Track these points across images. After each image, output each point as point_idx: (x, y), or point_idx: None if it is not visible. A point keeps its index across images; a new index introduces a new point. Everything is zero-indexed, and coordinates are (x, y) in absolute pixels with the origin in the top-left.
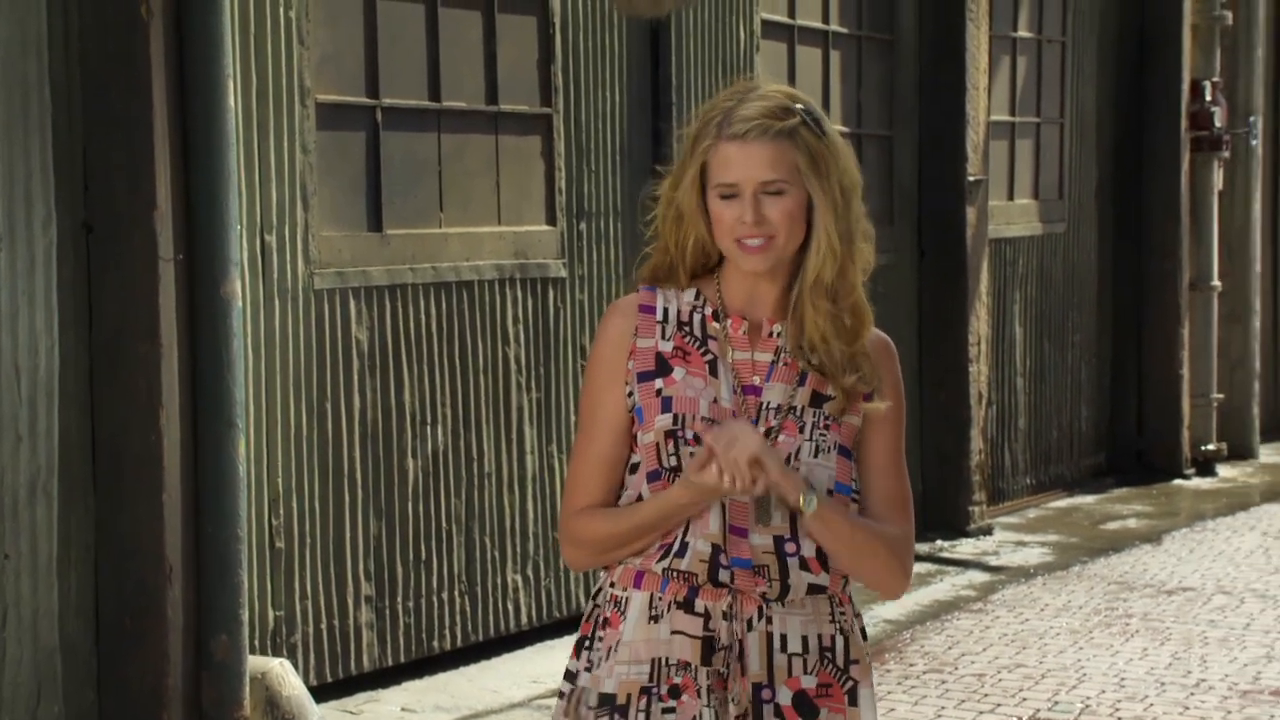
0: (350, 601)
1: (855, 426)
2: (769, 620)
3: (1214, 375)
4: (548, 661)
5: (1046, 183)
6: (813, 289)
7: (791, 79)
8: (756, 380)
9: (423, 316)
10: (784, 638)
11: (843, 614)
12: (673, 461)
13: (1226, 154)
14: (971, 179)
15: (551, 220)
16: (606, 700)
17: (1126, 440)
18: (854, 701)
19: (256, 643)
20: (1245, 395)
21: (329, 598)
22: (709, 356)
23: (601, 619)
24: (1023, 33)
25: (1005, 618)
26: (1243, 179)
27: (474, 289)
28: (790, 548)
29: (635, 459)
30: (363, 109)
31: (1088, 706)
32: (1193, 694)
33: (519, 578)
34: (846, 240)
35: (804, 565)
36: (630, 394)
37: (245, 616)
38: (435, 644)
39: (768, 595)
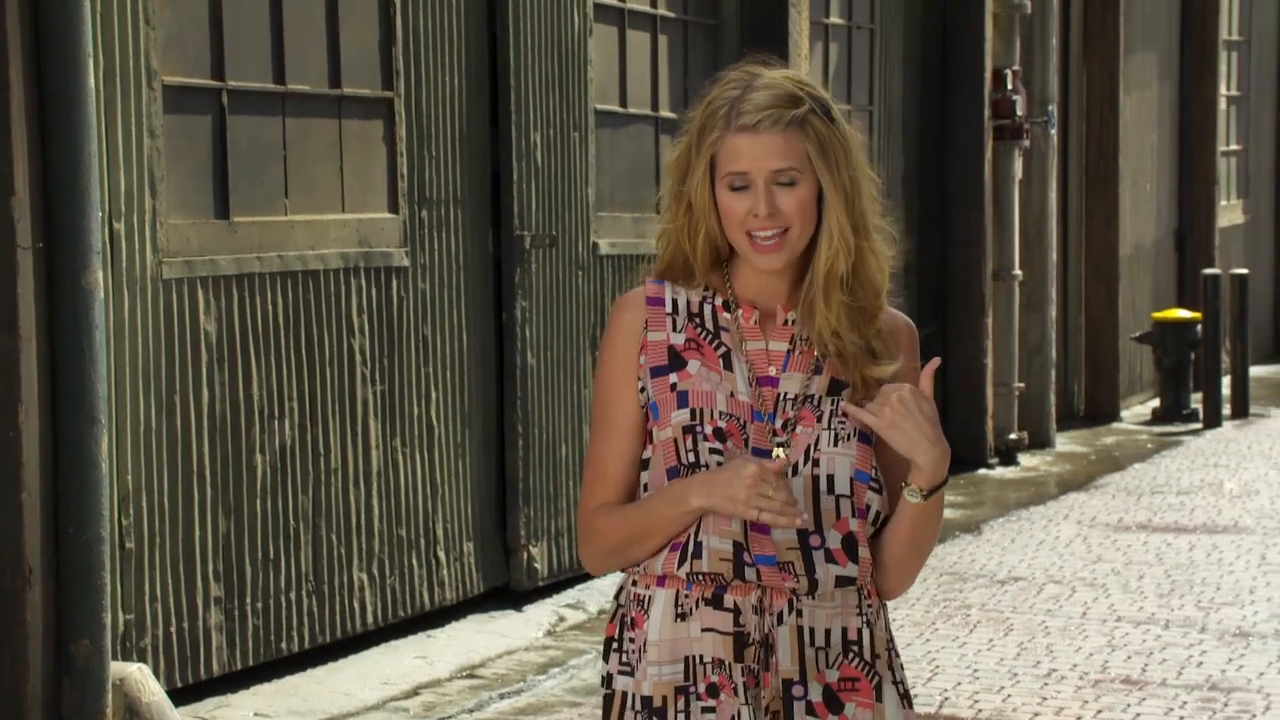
0: (200, 603)
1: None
2: (799, 614)
3: (1015, 364)
4: (396, 662)
5: None
6: (826, 282)
7: (622, 63)
8: (772, 370)
9: (270, 307)
10: (812, 631)
11: (869, 606)
12: (691, 458)
13: (1027, 143)
14: None
15: (394, 208)
16: (646, 703)
17: None
18: (880, 697)
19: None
20: (1043, 384)
21: (178, 600)
22: (722, 349)
23: (628, 619)
24: (835, 19)
25: None
26: (1039, 168)
27: (320, 278)
28: (815, 540)
29: (646, 454)
30: (209, 91)
31: (947, 699)
32: (1046, 684)
33: (365, 576)
34: (860, 232)
35: (829, 558)
36: (643, 389)
37: (108, 620)
38: (284, 646)
39: (798, 590)
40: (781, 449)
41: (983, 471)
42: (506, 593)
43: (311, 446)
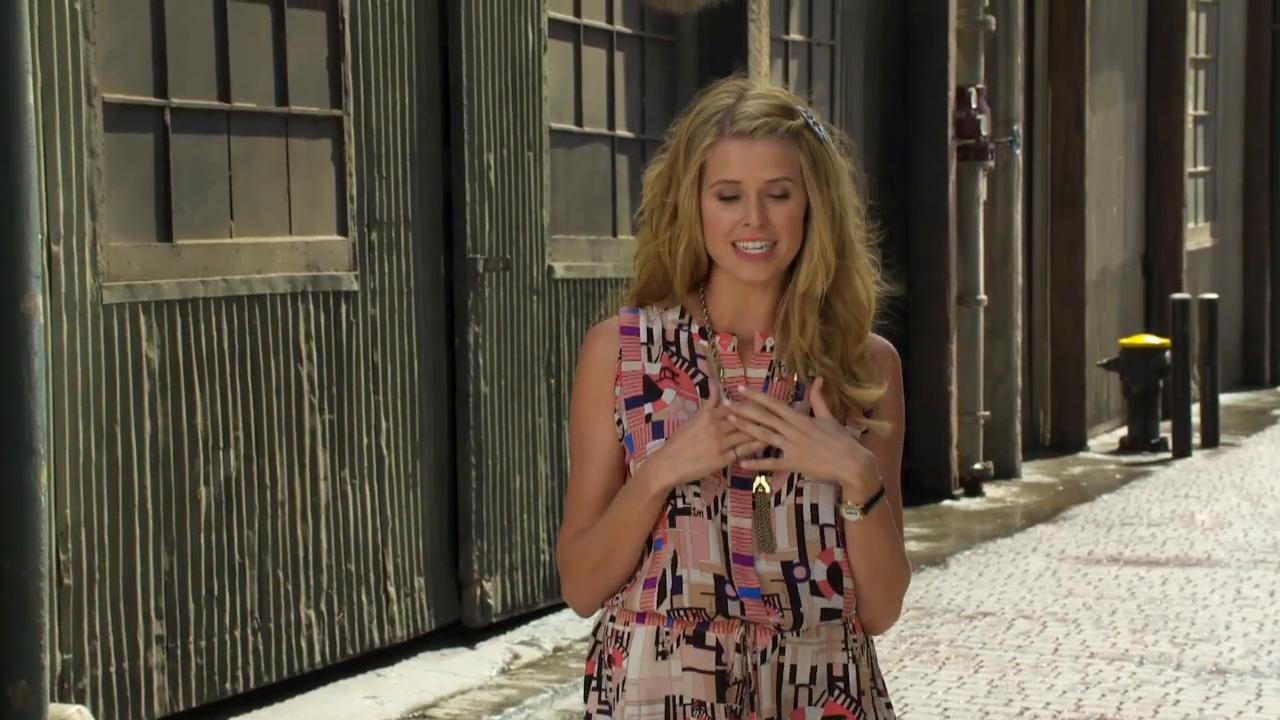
0: (140, 642)
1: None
2: (782, 651)
3: (980, 392)
4: (345, 702)
5: None
6: (802, 301)
7: (578, 81)
8: None
9: (215, 333)
10: (794, 668)
11: (854, 640)
12: None
13: (991, 163)
14: None
15: (343, 230)
16: None
17: None
18: None
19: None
20: (1008, 412)
21: (118, 638)
22: (698, 377)
23: (605, 656)
24: (795, 35)
25: None
26: (1004, 189)
27: (266, 303)
28: (800, 572)
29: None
30: (151, 109)
31: None
32: None
33: (312, 613)
34: (844, 253)
35: (815, 590)
36: (619, 422)
37: (46, 660)
38: (228, 686)
39: (782, 625)
40: (763, 478)
41: (947, 503)
42: (459, 630)
43: (258, 478)
